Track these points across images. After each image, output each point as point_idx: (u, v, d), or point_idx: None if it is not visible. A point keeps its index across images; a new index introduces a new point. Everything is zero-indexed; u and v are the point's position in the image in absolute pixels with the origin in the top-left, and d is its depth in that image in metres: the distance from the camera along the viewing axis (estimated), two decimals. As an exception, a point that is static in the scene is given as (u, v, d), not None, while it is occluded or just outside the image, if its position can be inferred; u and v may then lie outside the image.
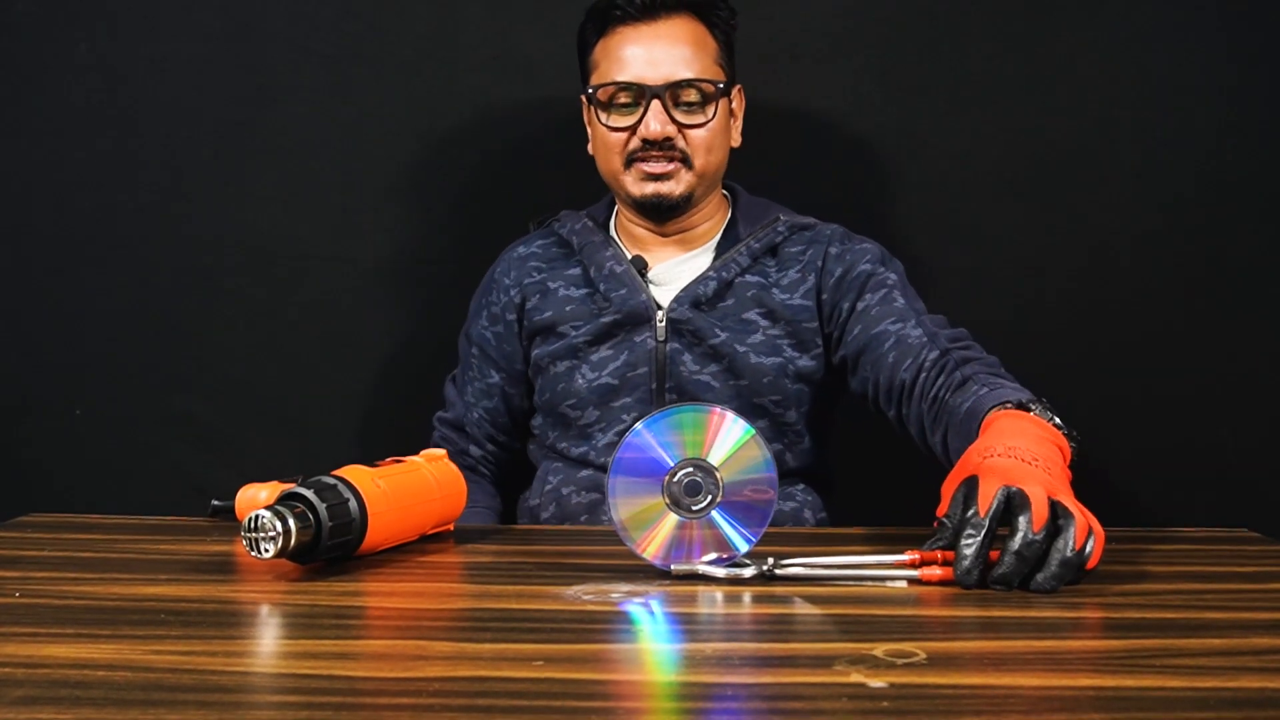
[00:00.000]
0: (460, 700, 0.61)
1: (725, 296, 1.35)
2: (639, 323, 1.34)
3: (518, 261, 1.44)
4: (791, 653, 0.72)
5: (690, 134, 1.32)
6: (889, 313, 1.30)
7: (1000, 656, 0.69)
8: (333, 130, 1.66)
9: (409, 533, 1.01)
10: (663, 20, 1.33)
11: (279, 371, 1.68)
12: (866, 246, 1.38)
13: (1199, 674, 0.66)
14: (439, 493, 1.03)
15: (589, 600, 0.82)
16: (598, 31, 1.36)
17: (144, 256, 1.67)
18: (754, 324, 1.34)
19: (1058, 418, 1.02)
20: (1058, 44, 1.62)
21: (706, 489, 0.89)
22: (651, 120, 1.30)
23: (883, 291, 1.33)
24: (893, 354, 1.27)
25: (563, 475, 1.37)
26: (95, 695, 0.61)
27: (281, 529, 0.86)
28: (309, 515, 0.88)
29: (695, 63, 1.32)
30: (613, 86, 1.32)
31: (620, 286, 1.35)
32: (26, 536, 1.06)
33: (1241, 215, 1.62)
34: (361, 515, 0.92)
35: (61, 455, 1.68)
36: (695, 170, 1.34)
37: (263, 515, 0.86)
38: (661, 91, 1.30)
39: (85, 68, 1.65)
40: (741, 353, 1.32)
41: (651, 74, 1.31)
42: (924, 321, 1.29)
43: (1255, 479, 1.62)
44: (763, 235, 1.38)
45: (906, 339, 1.27)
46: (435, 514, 1.04)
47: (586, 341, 1.35)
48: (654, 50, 1.31)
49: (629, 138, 1.33)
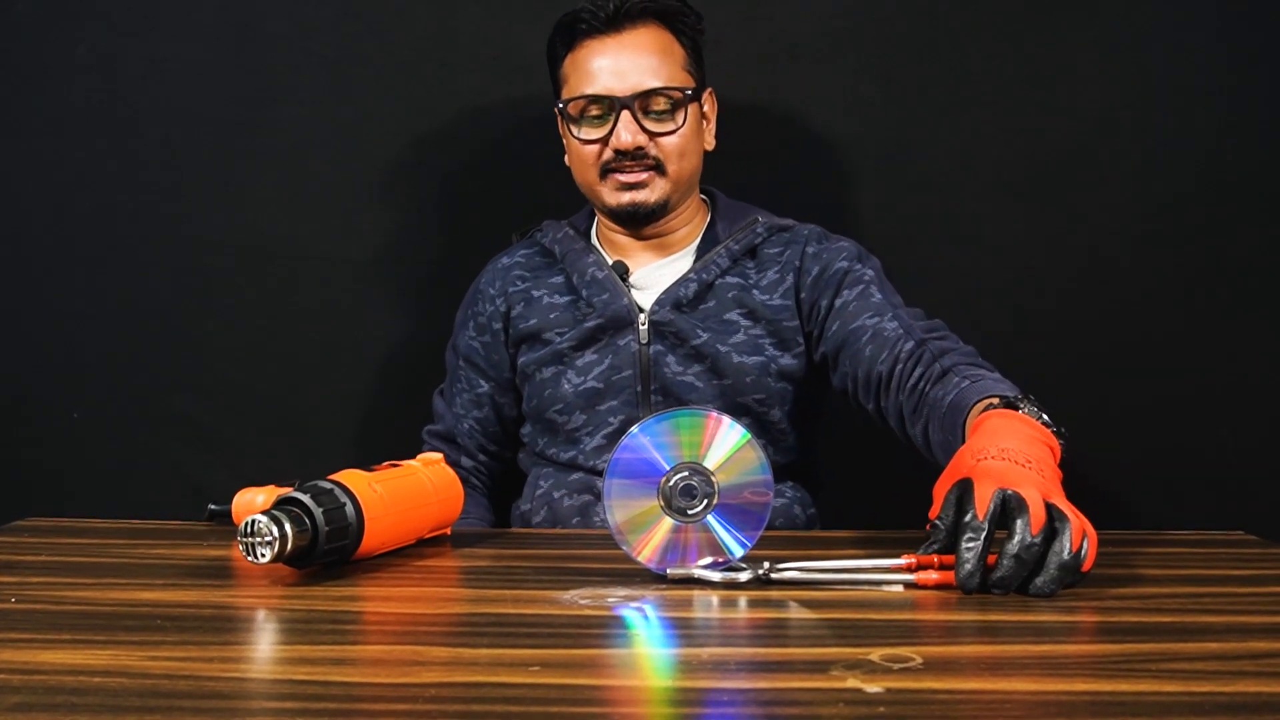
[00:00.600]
0: (456, 706, 0.61)
1: (706, 298, 1.36)
2: (621, 326, 1.35)
3: (501, 271, 1.45)
4: (787, 658, 0.71)
5: (661, 141, 1.33)
6: (865, 308, 1.31)
7: (997, 661, 0.69)
8: (331, 131, 1.66)
9: (406, 537, 1.01)
10: (628, 31, 1.33)
11: (277, 373, 1.68)
12: (843, 245, 1.39)
13: (1195, 678, 0.66)
14: (435, 497, 1.03)
15: (585, 605, 0.82)
16: (565, 45, 1.37)
17: (142, 257, 1.67)
18: (735, 324, 1.35)
19: (1045, 414, 1.02)
20: (1057, 44, 1.62)
21: (702, 493, 0.89)
22: (622, 131, 1.31)
23: (859, 287, 1.33)
24: (869, 347, 1.28)
25: (553, 480, 1.37)
26: (91, 702, 0.61)
27: (278, 534, 0.86)
28: (305, 520, 0.88)
29: (662, 71, 1.33)
30: (582, 100, 1.33)
31: (602, 291, 1.36)
32: (22, 541, 1.06)
33: (1241, 216, 1.62)
34: (358, 520, 0.92)
35: (60, 457, 1.68)
36: (669, 177, 1.35)
37: (259, 520, 0.86)
38: (630, 102, 1.31)
39: (84, 68, 1.65)
40: (724, 353, 1.33)
41: (619, 85, 1.32)
42: (900, 314, 1.29)
43: (1253, 481, 1.62)
44: (742, 237, 1.39)
45: (882, 332, 1.27)
46: (432, 518, 1.04)
47: (571, 347, 1.36)
48: (620, 61, 1.32)
49: (602, 149, 1.34)
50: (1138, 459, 1.62)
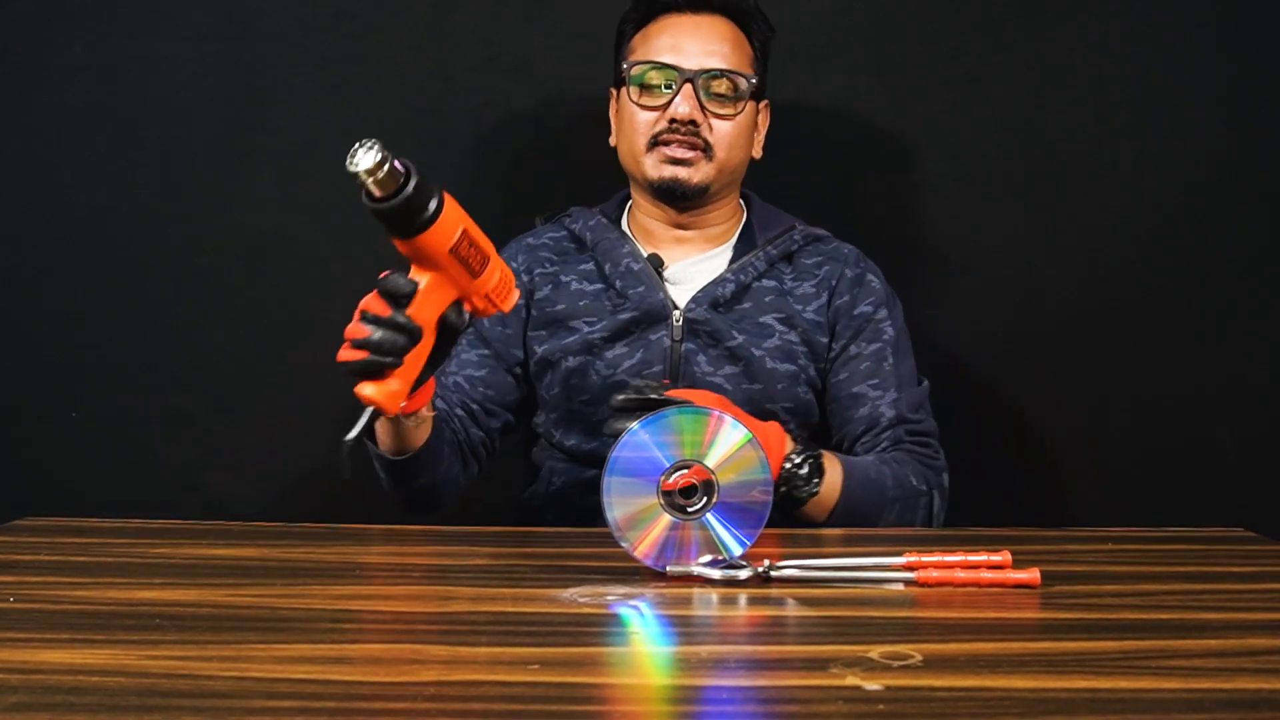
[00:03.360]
0: (455, 704, 0.61)
1: (743, 299, 1.35)
2: (655, 321, 1.34)
3: (528, 250, 1.43)
4: (787, 655, 0.71)
5: (716, 124, 1.34)
6: (874, 374, 1.34)
7: (996, 658, 0.69)
8: (329, 130, 1.66)
9: (473, 258, 0.98)
10: (705, 15, 1.36)
11: (276, 372, 1.67)
12: (874, 284, 1.39)
13: (1194, 675, 0.66)
14: (503, 268, 1.01)
15: (584, 603, 0.82)
16: (639, 22, 1.39)
17: (140, 257, 1.66)
18: (770, 328, 1.35)
19: (804, 480, 1.18)
20: (1056, 42, 1.62)
21: (703, 491, 0.89)
22: (681, 102, 1.32)
23: (876, 346, 1.35)
24: (862, 425, 1.33)
25: (566, 475, 1.36)
26: (89, 701, 0.61)
27: (379, 147, 0.91)
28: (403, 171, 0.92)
29: (731, 58, 1.35)
30: (647, 65, 1.34)
31: (638, 284, 1.35)
32: (21, 540, 1.05)
33: (1241, 213, 1.62)
34: (439, 204, 0.95)
35: (58, 456, 1.67)
36: (715, 162, 1.35)
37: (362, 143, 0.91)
38: (695, 76, 1.32)
39: (81, 68, 1.65)
40: (758, 357, 1.33)
41: (687, 60, 1.33)
42: (900, 400, 1.33)
43: (1252, 479, 1.62)
44: (779, 242, 1.39)
45: (878, 418, 1.32)
46: (492, 280, 1.00)
47: (603, 338, 1.34)
48: (693, 38, 1.35)
49: (657, 119, 1.34)
50: (1137, 456, 1.62)
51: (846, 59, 1.64)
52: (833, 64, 1.64)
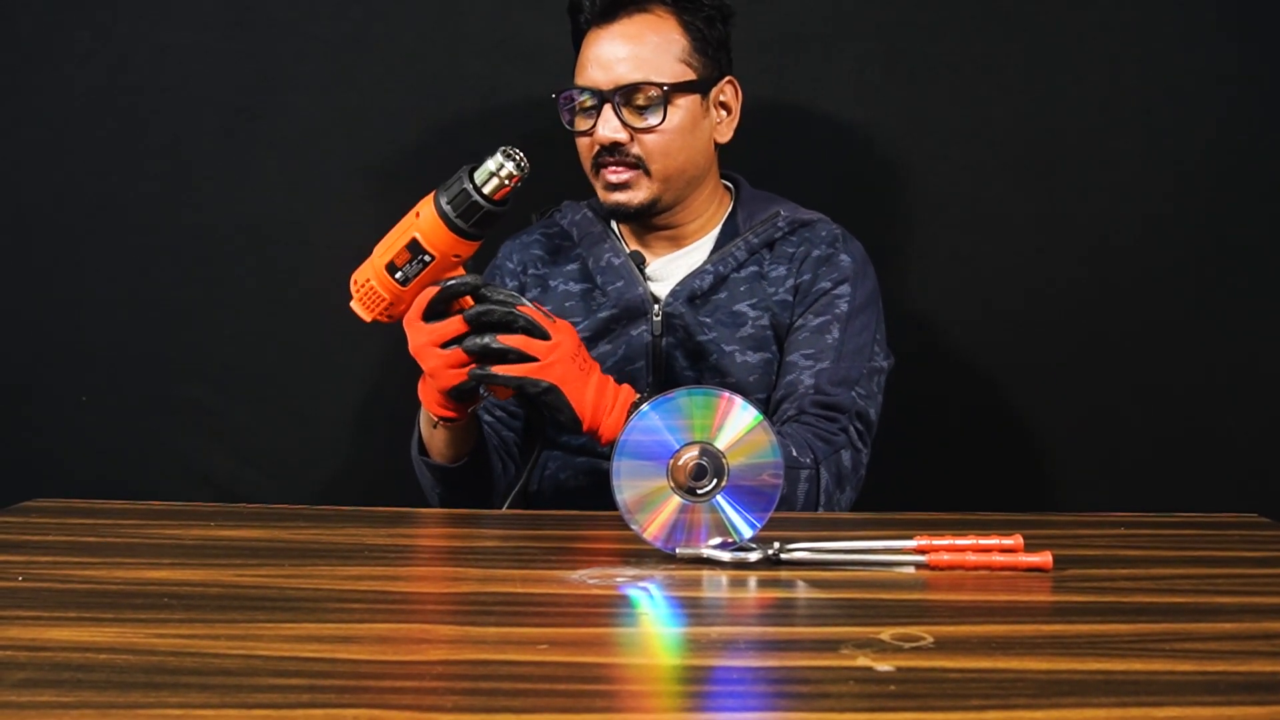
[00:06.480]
0: (464, 684, 0.61)
1: (720, 290, 1.34)
2: (635, 316, 1.34)
3: (520, 246, 1.44)
4: (797, 636, 0.71)
5: (643, 138, 1.29)
6: (811, 343, 1.30)
7: (1008, 640, 0.68)
8: (337, 118, 1.66)
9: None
10: (622, 21, 1.29)
11: (283, 358, 1.67)
12: (843, 261, 1.34)
13: (1208, 658, 0.65)
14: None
15: (593, 584, 0.82)
16: (576, 37, 1.35)
17: (147, 244, 1.67)
18: (744, 316, 1.33)
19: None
20: (1064, 28, 1.61)
21: (712, 473, 0.89)
22: (600, 126, 1.28)
23: (824, 319, 1.31)
24: (781, 392, 1.29)
25: (560, 461, 1.37)
26: (97, 678, 0.61)
27: (526, 162, 1.09)
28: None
29: (651, 63, 1.27)
30: (571, 92, 1.30)
31: (617, 279, 1.35)
32: (30, 521, 1.05)
33: (1249, 201, 1.61)
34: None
35: (67, 442, 1.68)
36: (654, 176, 1.30)
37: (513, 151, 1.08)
38: (611, 95, 1.27)
39: (87, 55, 1.65)
40: (729, 352, 1.32)
41: (603, 77, 1.28)
42: (824, 373, 1.27)
43: (1265, 464, 1.61)
44: (761, 230, 1.36)
45: (795, 386, 1.28)
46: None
47: (586, 338, 1.34)
48: (608, 52, 1.28)
49: (592, 144, 1.30)
50: (1149, 441, 1.62)
51: (852, 47, 1.63)
52: (839, 52, 1.63)
